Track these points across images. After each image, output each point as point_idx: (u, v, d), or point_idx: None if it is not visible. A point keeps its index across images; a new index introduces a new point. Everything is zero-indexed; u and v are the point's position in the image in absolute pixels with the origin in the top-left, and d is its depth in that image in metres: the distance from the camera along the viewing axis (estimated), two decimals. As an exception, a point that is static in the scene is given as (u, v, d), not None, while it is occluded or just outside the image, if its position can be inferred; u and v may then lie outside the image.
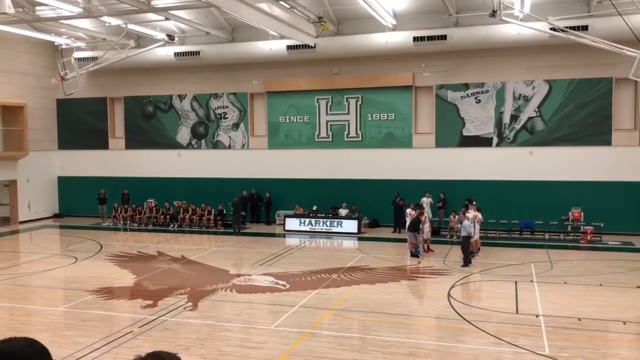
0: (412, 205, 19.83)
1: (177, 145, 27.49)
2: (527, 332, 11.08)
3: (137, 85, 27.66)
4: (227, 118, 26.73)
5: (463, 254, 17.16)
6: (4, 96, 25.95)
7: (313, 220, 23.90)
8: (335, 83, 24.90)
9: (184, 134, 27.41)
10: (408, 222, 19.12)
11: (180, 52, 24.88)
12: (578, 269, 16.99)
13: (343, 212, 24.16)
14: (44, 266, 17.54)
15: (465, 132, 23.45)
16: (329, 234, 23.34)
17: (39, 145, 27.81)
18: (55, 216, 29.05)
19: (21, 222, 27.10)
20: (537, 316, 11.99)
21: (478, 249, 18.58)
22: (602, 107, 21.86)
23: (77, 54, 25.37)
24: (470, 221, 17.60)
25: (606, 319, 11.84)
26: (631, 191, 21.67)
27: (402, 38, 22.21)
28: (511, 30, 20.37)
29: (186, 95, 27.22)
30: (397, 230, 22.99)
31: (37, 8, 19.44)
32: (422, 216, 18.87)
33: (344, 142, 25.09)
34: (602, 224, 21.24)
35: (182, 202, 25.89)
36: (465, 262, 16.99)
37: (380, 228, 24.24)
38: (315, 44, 22.71)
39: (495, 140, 23.16)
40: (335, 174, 24.99)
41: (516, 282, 14.93)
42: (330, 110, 25.18)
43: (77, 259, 18.62)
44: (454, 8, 20.96)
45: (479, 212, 18.87)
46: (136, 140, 28.09)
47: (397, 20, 22.00)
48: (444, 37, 21.63)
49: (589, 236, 20.89)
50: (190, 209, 25.70)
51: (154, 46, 23.63)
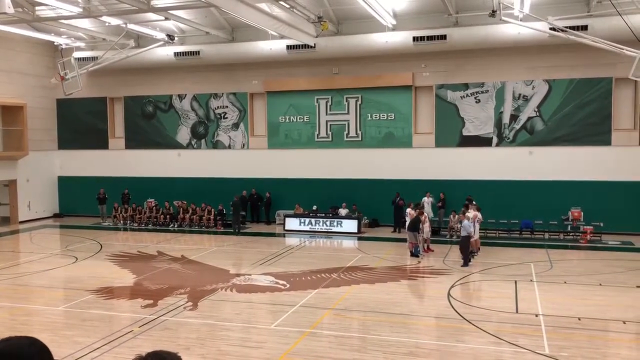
0: (412, 205, 19.84)
1: (177, 145, 27.49)
2: (527, 331, 11.09)
3: (137, 85, 27.67)
4: (227, 118, 26.73)
5: (462, 253, 17.17)
6: (4, 96, 25.95)
7: (313, 220, 23.90)
8: (335, 83, 24.91)
9: (183, 134, 27.42)
10: (408, 222, 19.14)
11: (180, 52, 24.88)
12: (578, 269, 16.99)
13: (343, 211, 24.17)
14: (44, 266, 17.54)
15: (465, 132, 23.46)
16: (328, 234, 23.34)
17: (39, 145, 27.81)
18: (55, 216, 29.05)
19: (21, 222, 27.11)
20: (537, 316, 11.99)
21: (478, 248, 18.59)
22: (601, 107, 21.87)
23: (77, 54, 25.38)
24: (470, 221, 17.61)
25: (606, 318, 11.85)
26: (631, 191, 21.68)
27: (401, 38, 22.22)
28: (511, 30, 20.38)
29: (186, 95, 27.22)
30: (397, 230, 23.00)
31: (37, 8, 19.44)
32: (422, 216, 18.88)
33: (343, 142, 25.10)
34: (601, 224, 21.24)
35: (182, 202, 25.89)
36: (465, 261, 17.00)
37: (380, 228, 24.25)
38: (315, 44, 22.72)
39: (495, 140, 23.16)
40: (335, 173, 24.99)
41: (516, 281, 14.94)
42: (330, 110, 25.18)
43: (77, 259, 18.63)
44: (454, 8, 20.97)
45: (479, 212, 18.88)
46: (136, 140, 28.10)
47: (397, 20, 22.01)
48: (443, 37, 21.64)
49: (588, 236, 20.89)
50: (190, 209, 25.71)
51: (154, 46, 23.64)
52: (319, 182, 25.17)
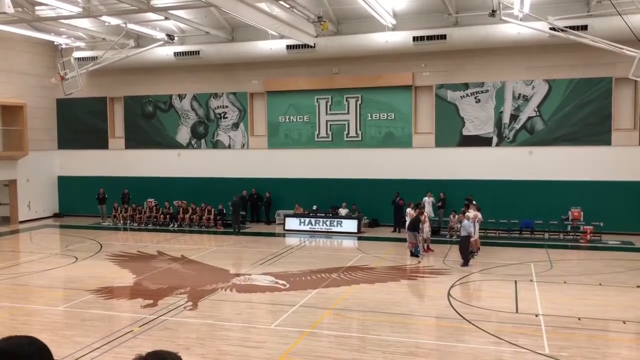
0: (412, 205, 19.84)
1: (177, 145, 27.49)
2: (527, 331, 11.08)
3: (137, 84, 27.66)
4: (226, 118, 26.73)
5: (462, 253, 17.16)
6: (4, 96, 25.94)
7: (313, 220, 23.90)
8: (335, 83, 24.90)
9: (183, 134, 27.42)
10: (408, 222, 19.13)
11: (180, 52, 24.88)
12: (578, 269, 16.99)
13: (343, 211, 24.17)
14: (44, 266, 17.54)
15: (465, 132, 23.46)
16: (328, 234, 23.34)
17: (38, 145, 27.81)
18: (55, 216, 29.04)
19: (21, 222, 27.10)
20: (536, 315, 11.99)
21: (478, 248, 18.58)
22: (601, 106, 21.87)
23: (77, 54, 25.38)
24: (470, 221, 17.60)
25: (606, 318, 11.85)
26: (631, 191, 21.68)
27: (401, 38, 22.22)
28: (511, 29, 20.38)
29: (186, 95, 27.22)
30: (397, 230, 23.00)
31: (37, 8, 19.44)
32: (422, 216, 18.88)
33: (343, 142, 25.10)
34: (601, 224, 21.24)
35: (182, 201, 25.89)
36: (465, 261, 16.99)
37: (380, 228, 24.24)
38: (315, 44, 22.72)
39: (495, 139, 23.16)
40: (335, 173, 24.99)
41: (516, 281, 14.94)
42: (330, 110, 25.18)
43: (77, 259, 18.63)
44: (454, 8, 20.97)
45: (479, 212, 18.87)
46: (136, 139, 28.09)
47: (397, 20, 22.00)
48: (443, 36, 21.64)
49: (588, 236, 20.89)
50: (190, 209, 25.71)
51: (154, 46, 23.64)
52: (319, 182, 25.17)
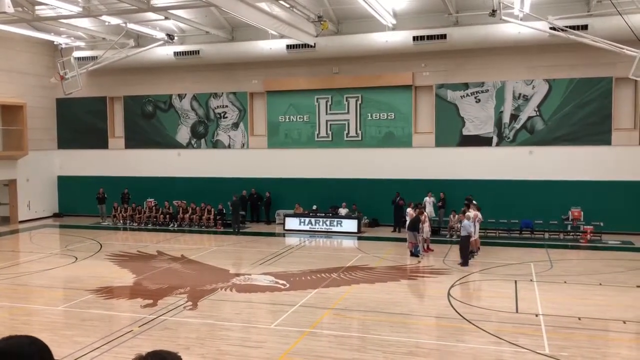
0: (412, 205, 19.83)
1: (177, 145, 27.48)
2: (527, 331, 11.08)
3: (137, 84, 27.65)
4: (226, 117, 26.72)
5: (462, 253, 17.15)
6: (4, 95, 25.94)
7: (313, 220, 23.90)
8: (335, 82, 24.90)
9: (183, 134, 27.41)
10: (408, 222, 19.13)
11: (180, 52, 24.87)
12: (578, 269, 16.98)
13: (343, 211, 24.16)
14: (44, 265, 17.53)
15: (465, 132, 23.46)
16: (328, 234, 23.33)
17: (38, 145, 27.80)
18: (55, 215, 29.04)
19: (21, 222, 27.10)
20: (537, 315, 11.99)
21: (478, 248, 18.58)
22: (602, 106, 21.87)
23: (77, 54, 25.36)
24: (471, 220, 17.59)
25: (606, 318, 11.84)
26: (631, 191, 21.68)
27: (401, 37, 22.22)
28: (511, 29, 20.38)
29: (186, 94, 27.21)
30: (397, 230, 22.99)
31: (37, 7, 19.43)
32: (422, 215, 18.87)
33: (343, 142, 25.09)
34: (601, 224, 21.24)
35: (181, 201, 25.88)
36: (465, 261, 16.99)
37: (380, 227, 24.24)
38: (315, 44, 22.71)
39: (495, 139, 23.16)
40: (335, 173, 24.99)
41: (516, 281, 14.93)
42: (330, 110, 25.17)
43: (76, 259, 18.62)
44: (454, 7, 20.97)
45: (479, 212, 18.87)
46: (136, 139, 28.09)
47: (397, 20, 21.99)
48: (443, 36, 21.63)
49: (588, 235, 20.88)
50: (190, 209, 25.70)
51: (154, 45, 23.63)
52: (319, 181, 25.16)
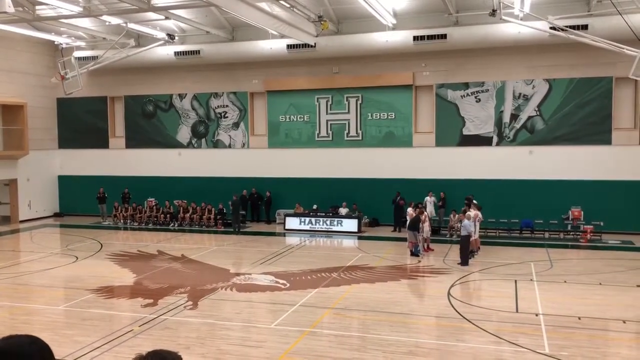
0: (413, 205, 19.83)
1: (178, 145, 27.50)
2: (527, 331, 11.09)
3: (137, 84, 27.67)
4: (227, 117, 26.74)
5: (462, 253, 17.15)
6: (5, 95, 25.96)
7: (313, 219, 23.91)
8: (335, 82, 24.90)
9: (184, 133, 27.42)
10: (408, 221, 19.13)
11: (181, 52, 24.88)
12: (578, 268, 16.99)
13: (343, 211, 24.18)
14: (45, 265, 17.55)
15: (465, 131, 23.46)
16: (329, 233, 23.34)
17: (39, 145, 27.82)
18: (56, 215, 29.05)
19: (21, 221, 27.12)
20: (537, 315, 12.00)
21: (478, 248, 18.59)
22: (602, 106, 21.87)
23: (77, 53, 25.37)
24: (471, 220, 17.60)
25: (606, 317, 11.86)
26: (631, 190, 21.68)
27: (402, 37, 22.22)
28: (511, 29, 20.38)
29: (186, 94, 27.22)
30: (397, 229, 23.00)
31: (37, 7, 19.44)
32: (422, 215, 18.88)
33: (344, 141, 25.10)
34: (602, 223, 21.25)
35: (182, 201, 25.90)
36: (465, 261, 16.99)
37: (380, 227, 24.24)
38: (315, 43, 22.72)
39: (495, 139, 23.16)
40: (335, 173, 25.00)
41: (516, 281, 14.94)
42: (331, 110, 25.18)
43: (77, 258, 18.64)
44: (454, 7, 20.97)
45: (480, 211, 18.88)
46: (136, 139, 28.10)
47: (397, 20, 22.00)
48: (444, 36, 21.64)
49: (588, 235, 20.89)
50: (190, 208, 25.72)
51: (154, 45, 23.64)
52: (319, 181, 25.17)
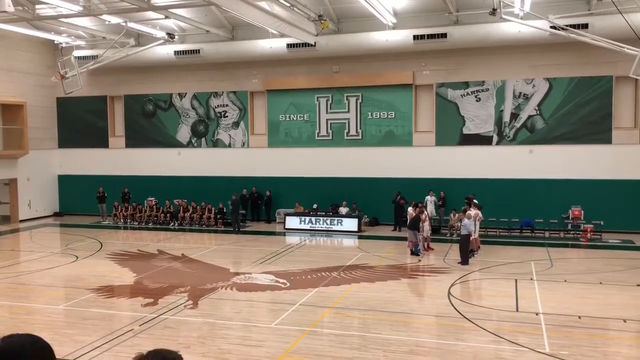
0: (414, 204, 19.82)
1: (177, 144, 27.49)
2: (527, 330, 11.09)
3: (137, 83, 27.66)
4: (227, 116, 26.73)
5: (462, 252, 17.15)
6: (4, 95, 25.94)
7: (313, 219, 23.90)
8: (335, 81, 24.90)
9: (184, 133, 27.42)
10: (408, 221, 19.13)
11: (180, 51, 24.87)
12: (578, 267, 16.98)
13: (343, 210, 24.18)
14: (45, 264, 17.55)
15: (466, 131, 23.45)
16: (329, 232, 23.34)
17: (39, 144, 27.81)
18: (56, 215, 29.05)
19: (21, 221, 27.11)
20: (537, 314, 12.00)
21: (478, 247, 18.59)
22: (602, 105, 21.86)
23: (77, 53, 25.36)
24: (471, 219, 17.59)
25: (606, 317, 11.85)
26: (631, 189, 21.68)
27: (402, 36, 22.21)
28: (511, 28, 20.37)
29: (186, 93, 27.22)
30: (397, 229, 23.00)
31: (37, 6, 19.43)
32: (422, 214, 18.89)
33: (344, 141, 25.10)
34: (602, 222, 21.25)
35: (182, 200, 25.89)
36: (465, 260, 16.99)
37: (380, 226, 24.24)
38: (315, 42, 22.70)
39: (496, 138, 23.16)
40: (335, 172, 24.99)
41: (516, 280, 14.94)
42: (331, 109, 25.18)
43: (77, 258, 18.64)
44: (454, 6, 20.96)
45: (480, 211, 18.88)
46: (136, 138, 28.09)
47: (397, 19, 21.98)
48: (444, 35, 21.63)
49: (589, 234, 20.89)
50: (190, 208, 25.72)
51: (154, 44, 23.63)
52: (319, 180, 25.16)
